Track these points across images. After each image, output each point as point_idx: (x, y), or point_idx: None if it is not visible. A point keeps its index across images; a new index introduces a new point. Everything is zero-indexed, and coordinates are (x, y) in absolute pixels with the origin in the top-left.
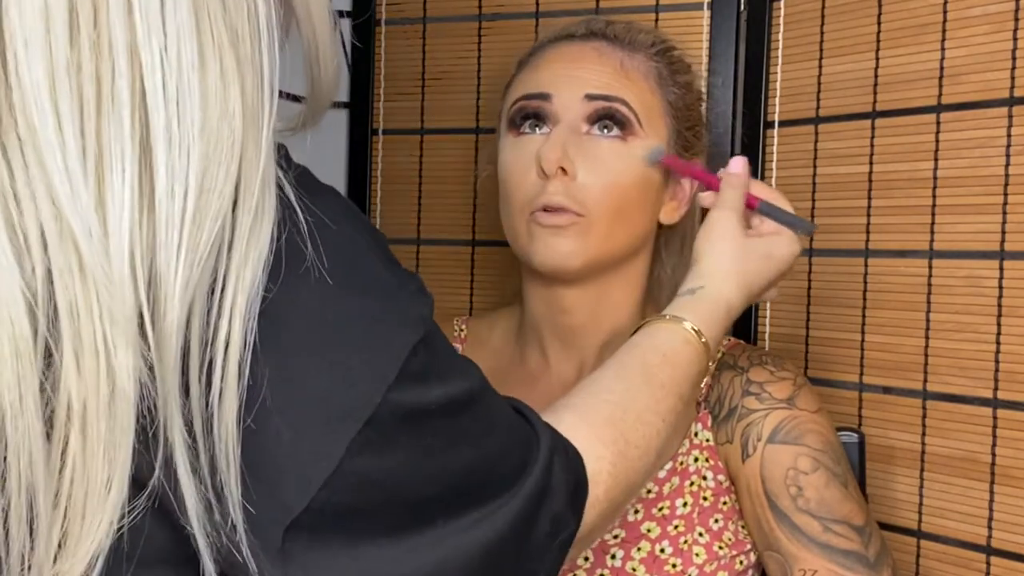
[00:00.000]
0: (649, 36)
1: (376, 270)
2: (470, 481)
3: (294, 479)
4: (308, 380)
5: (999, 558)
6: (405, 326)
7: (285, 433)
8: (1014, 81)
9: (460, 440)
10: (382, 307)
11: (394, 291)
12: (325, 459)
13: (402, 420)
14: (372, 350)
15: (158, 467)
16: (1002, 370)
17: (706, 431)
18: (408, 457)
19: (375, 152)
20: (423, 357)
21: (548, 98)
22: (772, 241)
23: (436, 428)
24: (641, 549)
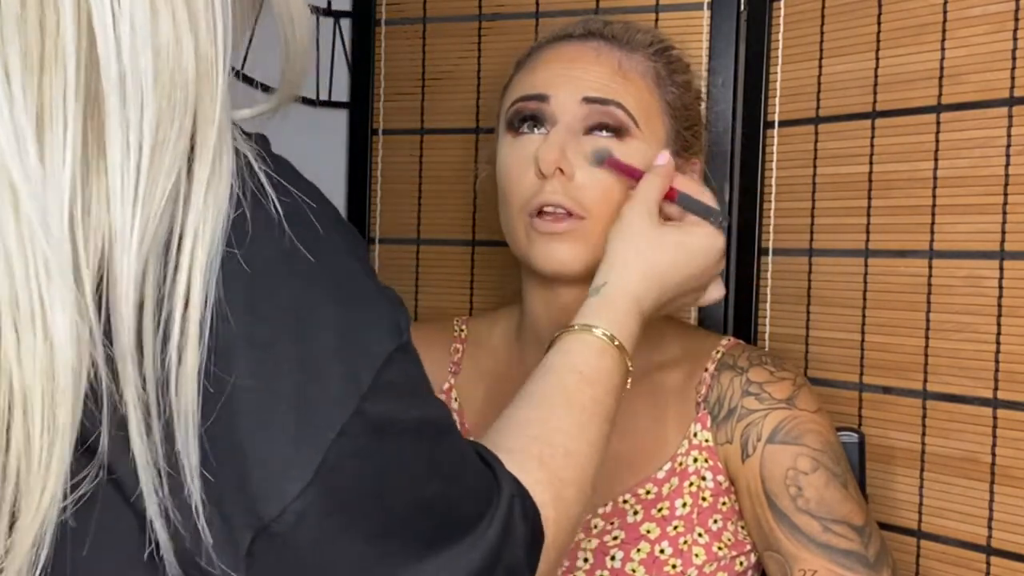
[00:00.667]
0: (647, 36)
1: (354, 271)
2: (435, 519)
3: (265, 478)
4: (281, 372)
5: (999, 558)
6: (382, 332)
7: (254, 419)
8: (1014, 81)
9: (431, 470)
10: (359, 309)
11: (372, 295)
12: (299, 468)
13: (375, 432)
14: (347, 352)
15: (106, 430)
16: (1002, 370)
17: (705, 431)
18: (378, 474)
19: (375, 152)
20: (400, 367)
21: (546, 99)
22: (686, 230)
23: (409, 449)
24: (641, 550)
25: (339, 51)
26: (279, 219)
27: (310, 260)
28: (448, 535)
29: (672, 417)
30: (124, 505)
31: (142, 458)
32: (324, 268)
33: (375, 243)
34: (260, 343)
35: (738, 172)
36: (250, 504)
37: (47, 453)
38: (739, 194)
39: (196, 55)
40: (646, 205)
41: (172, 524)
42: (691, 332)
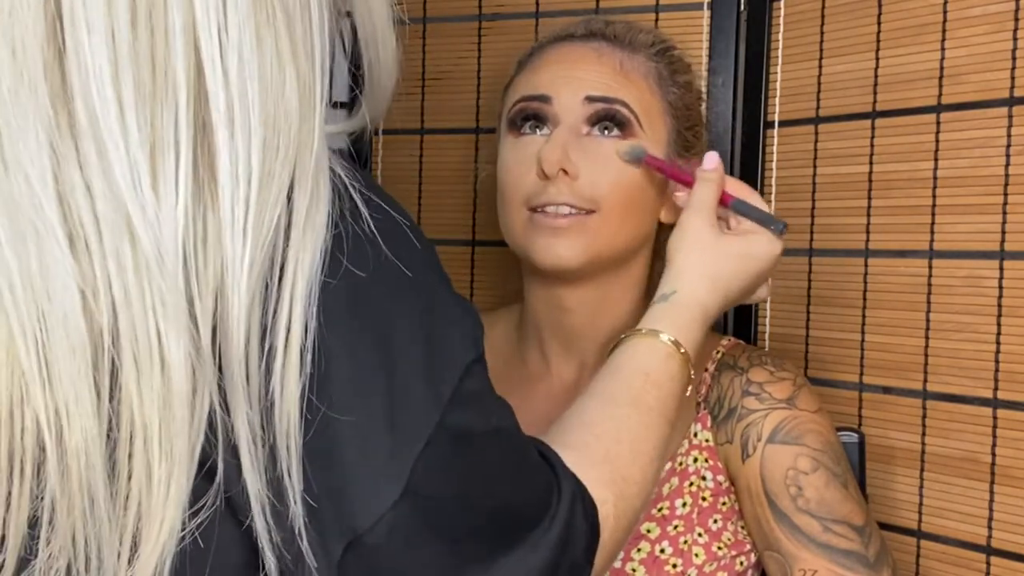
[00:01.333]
0: (649, 36)
1: (438, 285)
2: (505, 521)
3: (360, 494)
4: (371, 389)
5: (999, 558)
6: (462, 345)
7: (349, 438)
8: (1014, 81)
9: (504, 474)
10: (444, 323)
11: (454, 308)
12: (391, 482)
13: (456, 441)
14: (433, 366)
15: (221, 459)
16: (1002, 370)
17: (705, 431)
18: (460, 482)
19: (375, 152)
20: (477, 379)
21: (548, 100)
22: (749, 240)
23: (486, 456)
24: (641, 550)
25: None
26: (374, 237)
27: (403, 276)
28: (516, 536)
29: None
30: (237, 530)
31: (253, 485)
32: (415, 284)
33: None
34: (355, 363)
35: (738, 172)
36: (345, 520)
37: (166, 483)
38: None
39: (298, 84)
40: (706, 213)
41: (277, 547)
42: None
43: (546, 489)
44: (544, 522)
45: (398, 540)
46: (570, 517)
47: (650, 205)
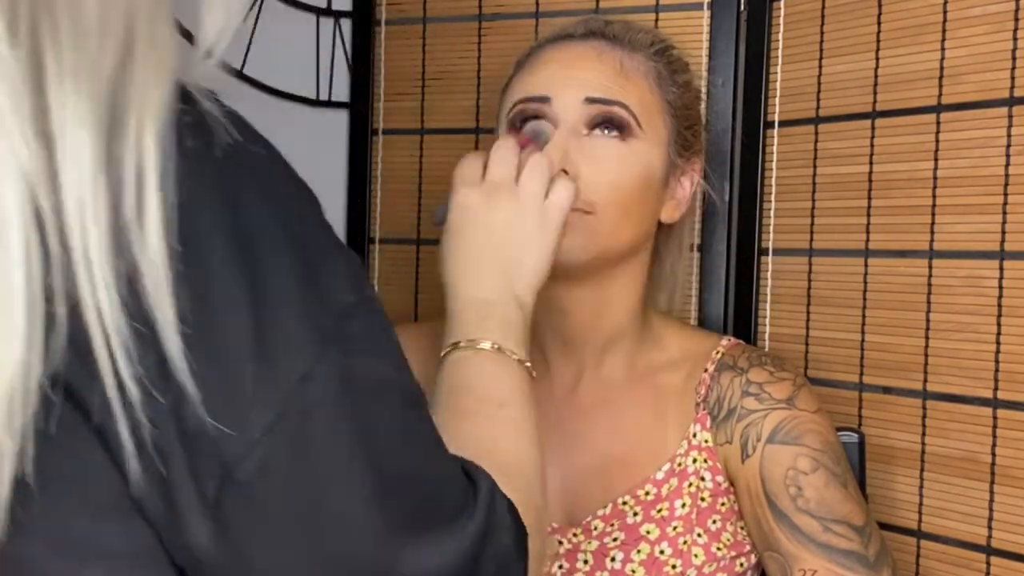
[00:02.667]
0: (648, 36)
1: (310, 224)
2: (420, 496)
3: (228, 424)
4: (234, 310)
5: (999, 558)
6: (342, 284)
7: (210, 367)
8: (1014, 81)
9: (409, 440)
10: (318, 258)
11: (330, 248)
12: (260, 409)
13: (344, 383)
14: (307, 298)
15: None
16: (1002, 370)
17: (705, 432)
18: (352, 429)
19: (375, 152)
20: (365, 322)
21: (547, 101)
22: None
23: (383, 409)
24: (640, 551)
25: (339, 51)
26: (245, 150)
27: (266, 204)
28: (435, 517)
29: (671, 417)
30: (86, 432)
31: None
32: (280, 216)
33: (375, 243)
34: (214, 270)
35: (738, 172)
36: (213, 447)
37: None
38: (739, 194)
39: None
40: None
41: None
42: (691, 332)
43: (462, 476)
44: (467, 507)
45: (277, 480)
46: (491, 505)
47: (650, 205)
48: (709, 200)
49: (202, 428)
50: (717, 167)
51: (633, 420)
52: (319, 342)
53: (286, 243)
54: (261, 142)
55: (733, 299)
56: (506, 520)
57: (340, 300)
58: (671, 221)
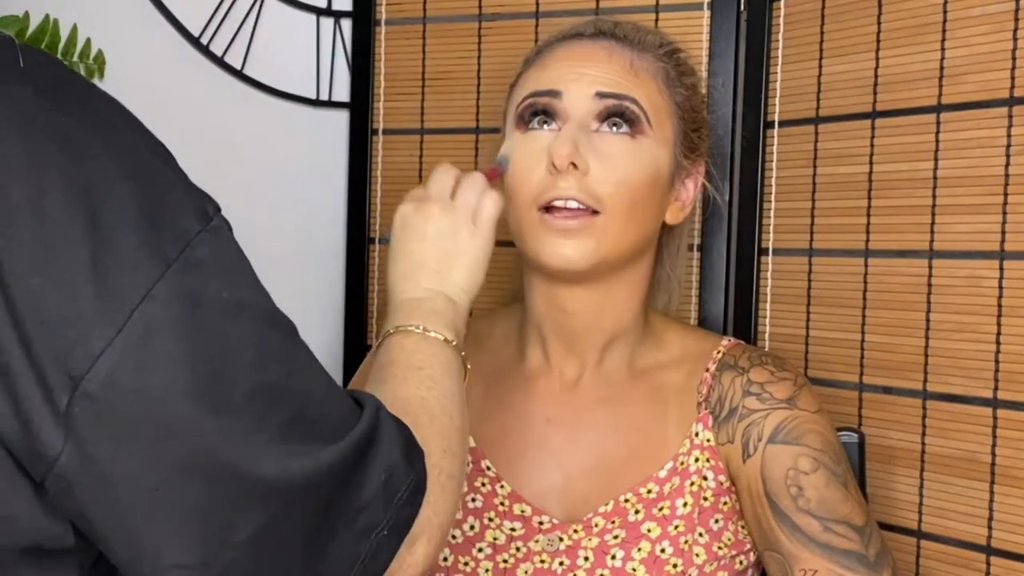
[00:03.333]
0: (656, 37)
1: (148, 158)
2: (287, 410)
3: (72, 340)
4: (69, 234)
5: (999, 558)
6: (186, 213)
7: (48, 283)
8: (1014, 81)
9: (266, 356)
10: (157, 188)
11: (171, 180)
12: (102, 325)
13: (188, 303)
14: (147, 224)
15: None
16: (1002, 370)
17: (707, 431)
18: (199, 344)
19: (375, 152)
20: (212, 248)
21: (558, 95)
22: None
23: (232, 326)
24: (641, 549)
25: (339, 51)
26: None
27: (96, 132)
28: (308, 430)
29: (673, 417)
30: None
31: None
32: (113, 148)
33: (375, 243)
34: (41, 203)
35: (738, 172)
36: (60, 362)
37: None
38: (739, 194)
39: None
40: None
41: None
42: (692, 332)
43: (345, 398)
44: (345, 424)
45: (124, 393)
46: (375, 420)
47: (655, 206)
48: (709, 200)
49: (46, 344)
50: (717, 167)
51: (634, 418)
52: (160, 264)
53: (125, 175)
54: (87, 83)
55: (733, 299)
56: (395, 436)
57: (184, 227)
58: (676, 223)
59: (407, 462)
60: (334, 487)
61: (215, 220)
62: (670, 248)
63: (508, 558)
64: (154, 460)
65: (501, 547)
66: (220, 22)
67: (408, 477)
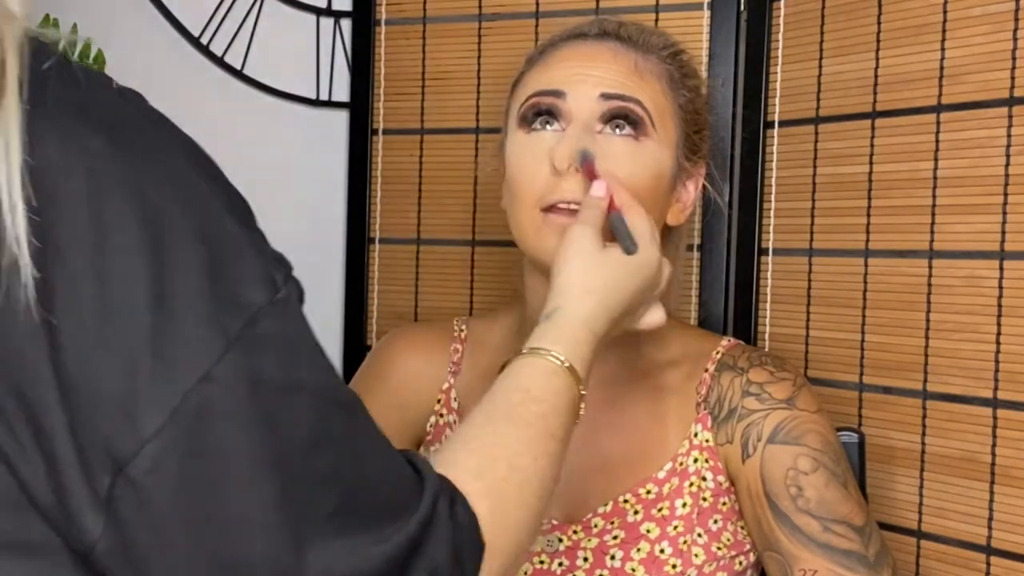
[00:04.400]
0: (661, 39)
1: (221, 216)
2: (338, 498)
3: (120, 421)
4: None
5: (999, 558)
6: (254, 282)
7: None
8: (1014, 81)
9: (325, 441)
10: (226, 254)
11: (241, 242)
12: (154, 406)
13: (249, 384)
14: (213, 295)
15: None
16: (1002, 370)
17: (706, 432)
18: (257, 431)
19: (375, 152)
20: (278, 323)
21: (562, 95)
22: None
23: (293, 411)
24: (640, 550)
25: (339, 51)
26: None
27: (170, 188)
28: (358, 520)
29: (673, 417)
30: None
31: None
32: (186, 206)
33: (375, 243)
34: (105, 266)
35: (738, 172)
36: (106, 445)
37: None
38: (739, 194)
39: None
40: (591, 228)
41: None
42: (691, 333)
43: (403, 481)
44: (402, 514)
45: (168, 479)
46: (431, 515)
47: (657, 207)
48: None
49: (93, 423)
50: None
51: (634, 419)
52: (222, 342)
53: (196, 240)
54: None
55: (733, 299)
56: (446, 531)
57: (249, 300)
58: (677, 224)
59: (457, 567)
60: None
61: (283, 291)
62: (670, 249)
63: None
64: (193, 551)
65: None
66: (220, 22)
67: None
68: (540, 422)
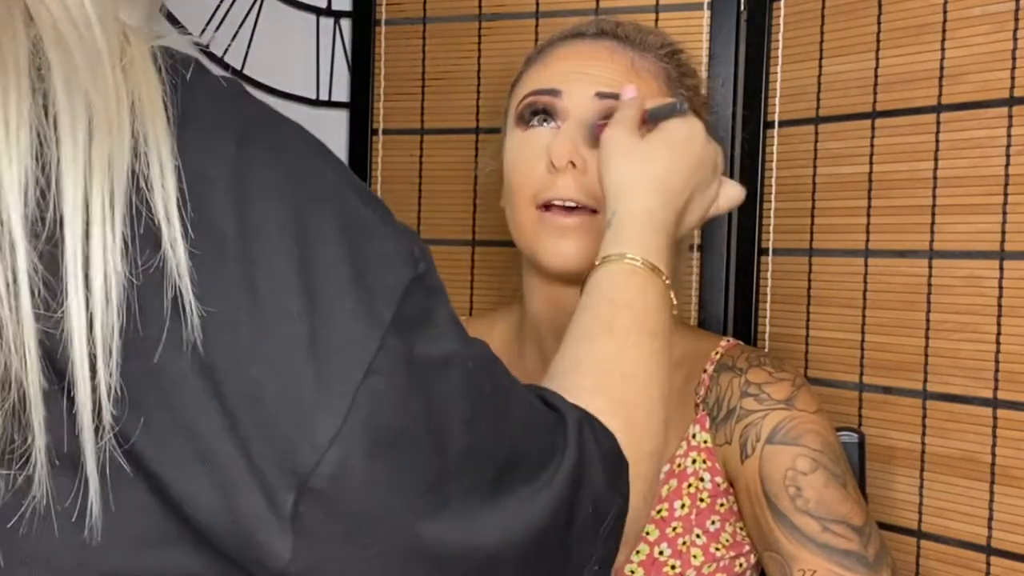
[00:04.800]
0: (658, 38)
1: (349, 197)
2: (498, 460)
3: (295, 435)
4: (286, 312)
5: (999, 558)
6: (396, 262)
7: (267, 371)
8: (1014, 81)
9: (481, 408)
10: (365, 237)
11: (375, 222)
12: (326, 414)
13: (408, 368)
14: (360, 285)
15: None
16: (1002, 370)
17: (704, 432)
18: (422, 413)
19: (375, 152)
20: (422, 299)
21: (558, 94)
22: (665, 130)
23: (451, 385)
24: (640, 551)
25: (339, 51)
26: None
27: (303, 183)
28: (518, 475)
29: (671, 418)
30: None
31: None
32: (320, 193)
33: None
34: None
35: (738, 172)
36: (285, 462)
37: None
38: None
39: None
40: (625, 127)
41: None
42: (690, 333)
43: (548, 424)
44: (554, 458)
45: (354, 481)
46: (580, 446)
47: None
48: None
49: (267, 444)
50: None
51: None
52: (377, 330)
53: (336, 231)
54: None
55: (733, 299)
56: (599, 457)
57: (392, 282)
58: None
59: (612, 487)
60: (555, 530)
61: (422, 263)
62: None
63: None
64: (385, 543)
65: None
66: (220, 22)
67: (613, 504)
68: (636, 326)
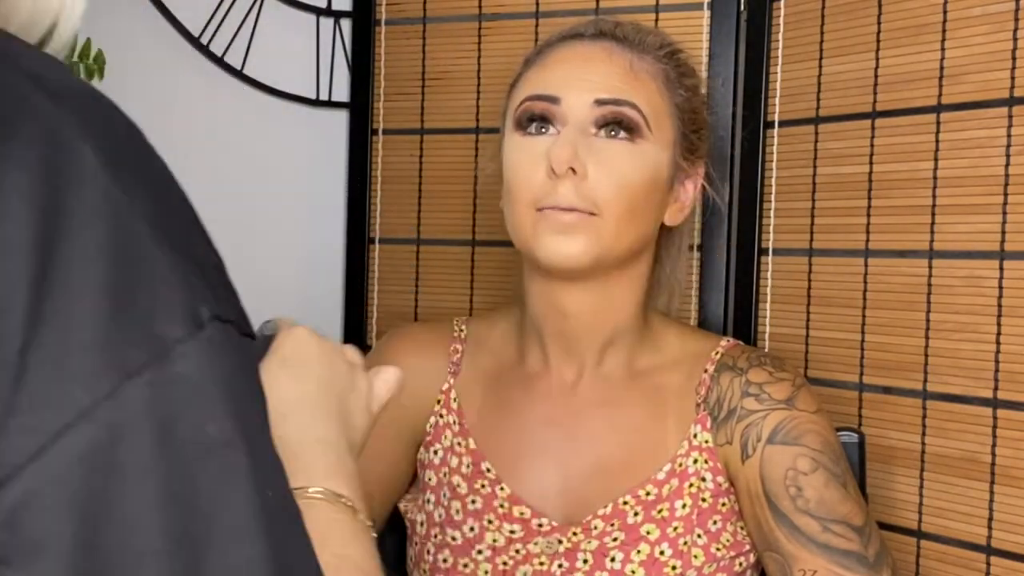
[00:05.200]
0: (657, 38)
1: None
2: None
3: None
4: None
5: (999, 558)
6: (171, 314)
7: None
8: (1014, 81)
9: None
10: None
11: (170, 270)
12: (15, 448)
13: (153, 433)
14: (110, 323)
15: None
16: (1002, 370)
17: (705, 432)
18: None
19: (375, 152)
20: (201, 364)
21: (556, 101)
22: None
23: (201, 472)
24: (640, 551)
25: (339, 51)
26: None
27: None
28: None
29: (672, 418)
30: None
31: None
32: (94, 214)
33: (375, 243)
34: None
35: (738, 172)
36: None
37: None
38: (739, 194)
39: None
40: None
41: None
42: (691, 333)
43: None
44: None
45: (37, 519)
46: None
47: (654, 208)
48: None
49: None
50: (717, 167)
51: (633, 420)
52: (113, 377)
53: (97, 250)
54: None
55: (733, 299)
56: None
57: (161, 332)
58: (674, 224)
59: None
60: None
61: (209, 328)
62: (670, 249)
63: (507, 560)
64: None
65: (500, 549)
66: (220, 22)
67: None
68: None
